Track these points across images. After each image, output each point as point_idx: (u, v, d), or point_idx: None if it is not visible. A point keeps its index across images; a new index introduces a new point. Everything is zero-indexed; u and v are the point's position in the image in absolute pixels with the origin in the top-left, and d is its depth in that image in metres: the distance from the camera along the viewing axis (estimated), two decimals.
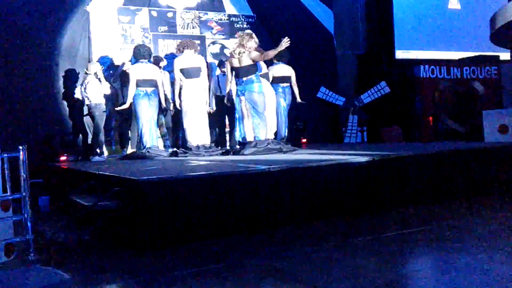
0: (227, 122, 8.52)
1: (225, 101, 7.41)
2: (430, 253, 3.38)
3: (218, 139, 8.47)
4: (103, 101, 7.42)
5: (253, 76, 6.70)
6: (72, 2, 7.86)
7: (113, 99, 7.89)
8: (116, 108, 7.63)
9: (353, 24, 11.15)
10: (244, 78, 6.72)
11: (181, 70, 7.18)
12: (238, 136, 7.16)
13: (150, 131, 7.17)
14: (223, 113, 8.35)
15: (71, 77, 7.91)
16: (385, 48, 10.81)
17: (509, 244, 3.58)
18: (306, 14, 9.89)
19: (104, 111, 7.48)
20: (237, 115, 7.02)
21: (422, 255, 3.39)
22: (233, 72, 6.88)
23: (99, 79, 7.31)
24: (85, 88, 7.32)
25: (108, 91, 7.44)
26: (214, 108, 8.06)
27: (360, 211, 4.64)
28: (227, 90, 7.26)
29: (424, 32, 11.16)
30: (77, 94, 7.58)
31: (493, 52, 10.63)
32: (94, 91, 7.28)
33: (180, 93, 7.27)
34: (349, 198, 4.64)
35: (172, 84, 7.57)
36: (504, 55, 11.39)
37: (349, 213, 4.60)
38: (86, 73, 7.42)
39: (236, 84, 6.88)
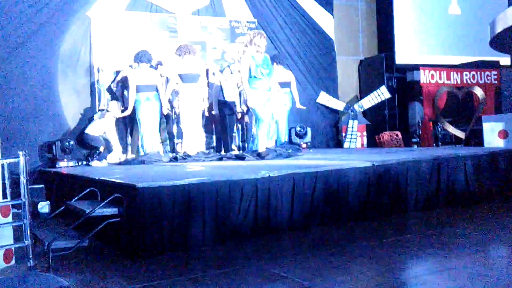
0: (229, 128, 8.50)
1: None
2: (429, 259, 3.38)
3: (218, 145, 8.46)
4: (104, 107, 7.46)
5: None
6: (73, 7, 7.86)
7: None
8: (118, 116, 7.63)
9: (354, 29, 11.18)
10: None
11: (180, 75, 7.16)
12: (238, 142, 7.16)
13: (150, 136, 7.17)
14: (225, 118, 8.34)
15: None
16: (385, 53, 10.82)
17: (508, 250, 3.58)
18: (306, 19, 9.92)
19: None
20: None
21: (421, 261, 3.39)
22: None
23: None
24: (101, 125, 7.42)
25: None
26: (214, 112, 8.06)
27: (359, 216, 4.65)
28: None
29: (424, 37, 11.18)
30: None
31: (493, 57, 10.64)
32: (110, 128, 7.42)
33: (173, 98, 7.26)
34: (348, 204, 4.65)
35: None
36: (504, 60, 11.40)
37: (348, 218, 4.60)
38: (107, 110, 7.51)
39: None
